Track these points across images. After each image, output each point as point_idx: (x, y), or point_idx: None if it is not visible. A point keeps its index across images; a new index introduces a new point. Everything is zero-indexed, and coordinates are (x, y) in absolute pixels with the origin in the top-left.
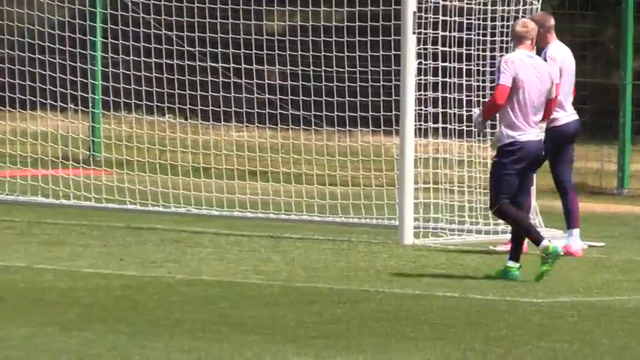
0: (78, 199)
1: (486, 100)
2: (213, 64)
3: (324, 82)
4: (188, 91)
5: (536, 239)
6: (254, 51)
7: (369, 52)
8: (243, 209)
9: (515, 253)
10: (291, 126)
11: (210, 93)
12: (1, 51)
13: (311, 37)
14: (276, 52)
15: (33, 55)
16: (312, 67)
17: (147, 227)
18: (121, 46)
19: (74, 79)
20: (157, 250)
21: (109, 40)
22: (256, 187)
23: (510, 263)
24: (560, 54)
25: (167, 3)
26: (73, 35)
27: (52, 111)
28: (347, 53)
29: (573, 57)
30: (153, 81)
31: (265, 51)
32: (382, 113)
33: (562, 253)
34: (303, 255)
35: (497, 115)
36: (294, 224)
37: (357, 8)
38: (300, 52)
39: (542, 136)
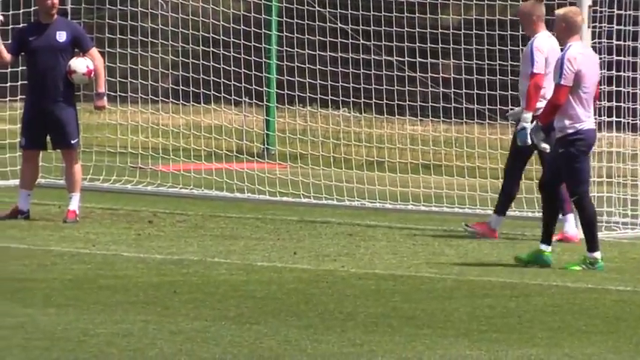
0: (252, 193)
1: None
2: (388, 58)
3: (498, 76)
4: (363, 85)
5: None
6: (429, 45)
7: None
8: (416, 203)
9: (547, 237)
10: (465, 119)
11: (384, 86)
12: (176, 44)
13: (486, 31)
14: (451, 45)
15: (208, 49)
16: (486, 61)
17: (320, 221)
18: (296, 39)
19: (249, 72)
20: (331, 244)
21: (284, 33)
22: (430, 181)
23: (543, 247)
24: (547, 45)
25: None
26: (247, 29)
27: (226, 104)
28: (521, 47)
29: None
30: (327, 74)
31: (440, 45)
32: None
33: (600, 267)
34: (477, 248)
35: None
36: (466, 218)
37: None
38: (474, 46)
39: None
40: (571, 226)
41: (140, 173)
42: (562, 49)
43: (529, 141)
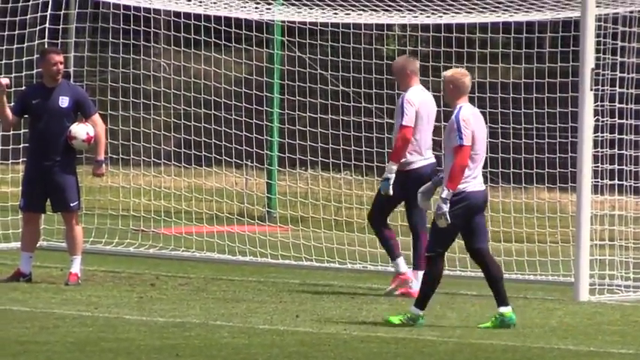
0: (254, 256)
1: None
2: (390, 121)
3: (500, 139)
4: (365, 148)
5: (423, 304)
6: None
7: (546, 109)
8: None
9: (502, 299)
10: None
11: (386, 149)
12: (178, 107)
13: (488, 94)
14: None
15: (210, 112)
16: (488, 124)
17: (323, 283)
18: (297, 102)
19: (250, 135)
20: (333, 307)
21: (286, 96)
22: None
23: (503, 309)
24: (418, 98)
25: (345, 60)
26: (249, 91)
27: (228, 167)
28: (524, 110)
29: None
30: (329, 137)
31: (442, 107)
32: (558, 170)
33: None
34: (479, 312)
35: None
36: (469, 281)
37: (535, 65)
38: (477, 109)
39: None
40: (418, 282)
41: (142, 236)
42: (451, 111)
43: (391, 192)
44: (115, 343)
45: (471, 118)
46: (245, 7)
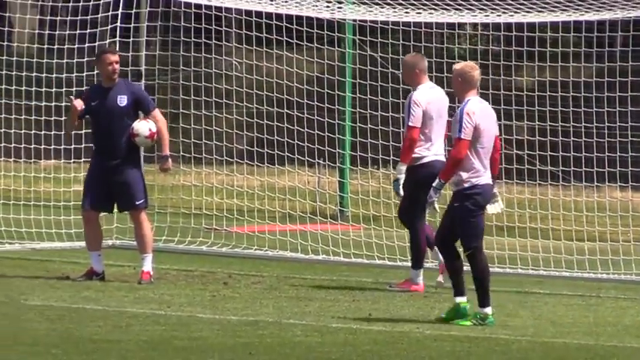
0: (326, 254)
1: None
2: None
3: (572, 138)
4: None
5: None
6: (502, 106)
7: (618, 108)
8: (491, 264)
9: (484, 299)
10: (538, 181)
11: None
12: (250, 106)
13: (560, 93)
14: (525, 107)
15: (282, 110)
16: (560, 123)
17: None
18: (369, 101)
19: (323, 134)
20: (406, 305)
21: (358, 95)
22: (504, 243)
23: (484, 309)
24: (426, 97)
25: None
26: (322, 90)
27: (300, 166)
28: (595, 109)
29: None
30: (401, 136)
31: (514, 106)
32: (630, 169)
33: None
34: (551, 310)
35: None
36: (542, 279)
37: (607, 64)
38: (548, 108)
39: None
40: (420, 276)
41: (215, 235)
42: (459, 104)
43: (401, 192)
44: (187, 342)
45: (477, 112)
46: (316, 5)
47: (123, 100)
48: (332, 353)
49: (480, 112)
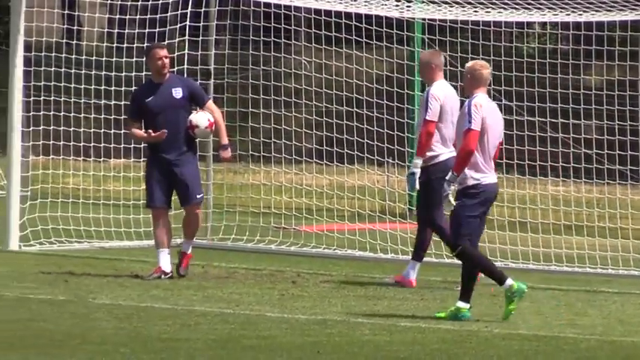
0: (395, 253)
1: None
2: (531, 119)
3: None
4: (505, 145)
5: (500, 278)
6: (571, 105)
7: None
8: (559, 263)
9: (465, 294)
10: (607, 180)
11: (527, 147)
12: (319, 104)
13: (628, 92)
14: (593, 106)
15: (351, 109)
16: (628, 122)
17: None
18: None
19: (392, 133)
20: (474, 304)
21: None
22: (572, 242)
23: (461, 304)
24: (443, 92)
25: (485, 57)
26: (391, 89)
27: (369, 165)
28: None
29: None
30: None
31: (582, 105)
32: None
33: (526, 290)
34: (620, 309)
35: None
36: (610, 278)
37: None
38: (617, 107)
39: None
40: (413, 271)
41: (283, 233)
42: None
43: (417, 186)
44: (256, 341)
45: (484, 106)
46: (385, 4)
47: (178, 93)
48: (400, 352)
49: (487, 107)
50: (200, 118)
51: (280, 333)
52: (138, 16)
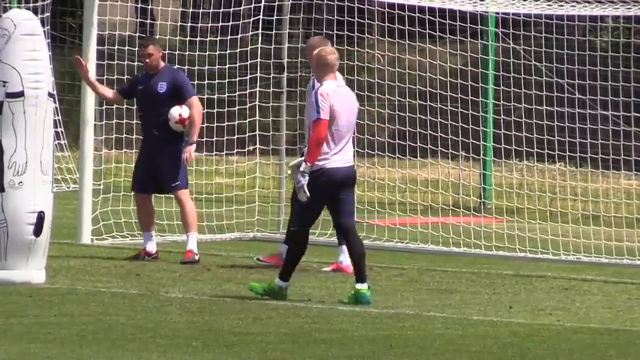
0: (468, 247)
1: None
2: (604, 112)
3: None
4: (579, 139)
5: (284, 275)
6: None
7: None
8: (632, 257)
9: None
10: None
11: (600, 141)
12: (392, 98)
13: None
14: None
15: (424, 103)
16: None
17: (536, 275)
18: (512, 93)
19: (466, 126)
20: (546, 298)
21: (501, 87)
22: None
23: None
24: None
25: (559, 51)
26: (464, 83)
27: (443, 158)
28: None
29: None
30: (544, 128)
31: None
32: None
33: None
34: None
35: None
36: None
37: None
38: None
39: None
40: (346, 256)
41: (356, 227)
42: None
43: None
44: (328, 334)
45: (330, 93)
46: None
47: (162, 87)
48: (472, 346)
49: (334, 94)
50: (174, 111)
51: (352, 327)
52: (211, 10)
